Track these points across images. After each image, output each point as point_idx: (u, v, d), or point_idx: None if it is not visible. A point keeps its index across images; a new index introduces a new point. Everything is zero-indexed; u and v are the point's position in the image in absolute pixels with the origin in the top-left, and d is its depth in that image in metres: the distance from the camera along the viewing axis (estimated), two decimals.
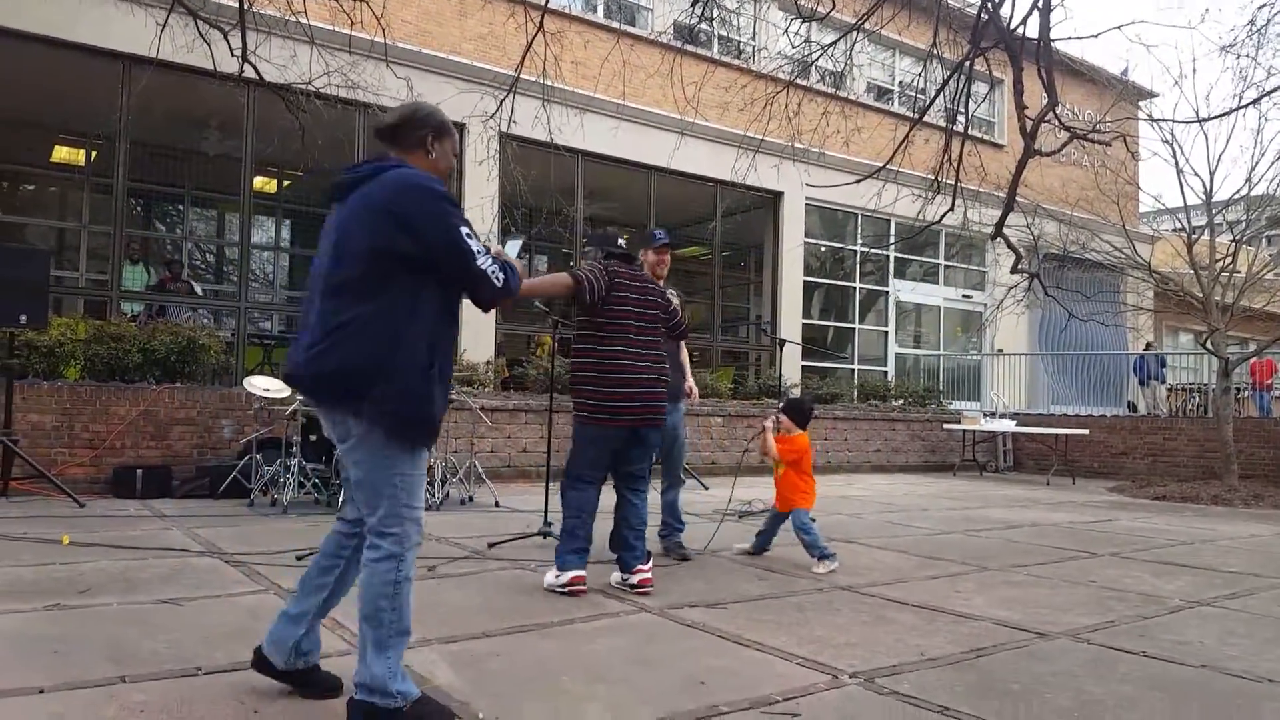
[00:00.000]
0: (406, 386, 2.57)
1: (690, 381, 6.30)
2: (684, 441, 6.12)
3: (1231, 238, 13.30)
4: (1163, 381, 17.72)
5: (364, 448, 2.61)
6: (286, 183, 14.05)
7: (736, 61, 14.67)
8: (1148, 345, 18.93)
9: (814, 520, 5.75)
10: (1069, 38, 26.97)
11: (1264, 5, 8.91)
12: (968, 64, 8.36)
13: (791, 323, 15.22)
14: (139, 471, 7.91)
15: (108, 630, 3.53)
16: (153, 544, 5.52)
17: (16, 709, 2.65)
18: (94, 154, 12.58)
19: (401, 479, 2.62)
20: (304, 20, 8.05)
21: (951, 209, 9.34)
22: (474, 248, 2.63)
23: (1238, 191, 12.83)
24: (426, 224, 2.61)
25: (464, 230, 2.64)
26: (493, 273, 2.66)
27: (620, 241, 5.11)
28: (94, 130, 9.97)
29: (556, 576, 4.48)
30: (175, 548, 5.42)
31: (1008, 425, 14.45)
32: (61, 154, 13.03)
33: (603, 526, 4.80)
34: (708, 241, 15.34)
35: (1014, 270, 10.22)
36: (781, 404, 6.19)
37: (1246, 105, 10.68)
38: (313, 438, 7.86)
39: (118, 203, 9.81)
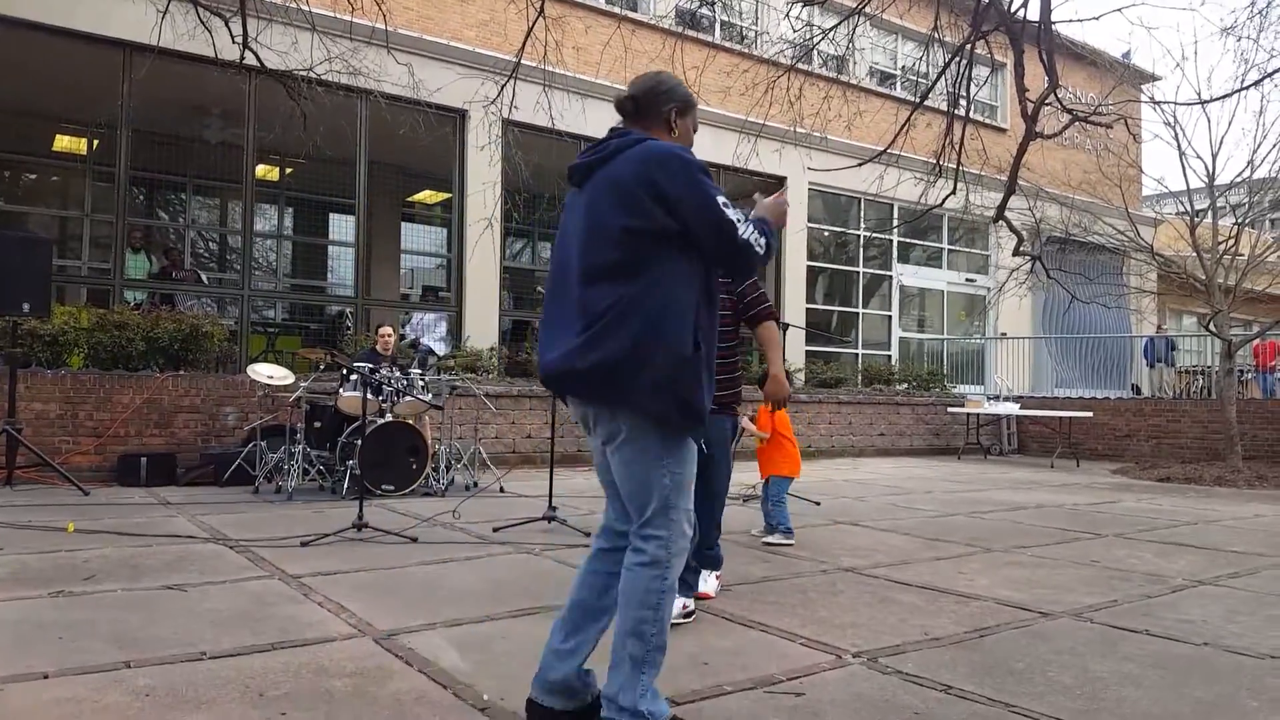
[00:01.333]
0: (675, 374, 2.35)
1: None
2: None
3: (1234, 220, 13.25)
4: (1172, 364, 17.69)
5: (631, 444, 2.40)
6: (289, 170, 14.02)
7: (738, 46, 14.59)
8: (1158, 328, 18.90)
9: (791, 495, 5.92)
10: (1070, 20, 26.79)
11: None
12: (969, 47, 8.32)
13: (795, 307, 15.19)
14: (143, 459, 7.94)
15: (112, 616, 3.54)
16: (157, 531, 5.54)
17: (22, 694, 2.67)
18: (96, 143, 12.55)
19: (671, 476, 2.42)
20: (305, 7, 8.02)
21: (954, 192, 9.31)
22: (734, 217, 2.41)
23: (1240, 174, 12.79)
24: (685, 196, 2.37)
25: (722, 200, 2.41)
26: (755, 241, 2.44)
27: None
28: (95, 119, 9.95)
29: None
30: (180, 535, 5.44)
31: (1011, 408, 14.45)
32: (63, 143, 13.01)
33: None
34: None
35: (1016, 253, 10.19)
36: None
37: (1248, 87, 10.60)
38: (317, 424, 7.88)
39: (120, 191, 9.81)
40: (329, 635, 3.35)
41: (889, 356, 16.90)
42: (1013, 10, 7.87)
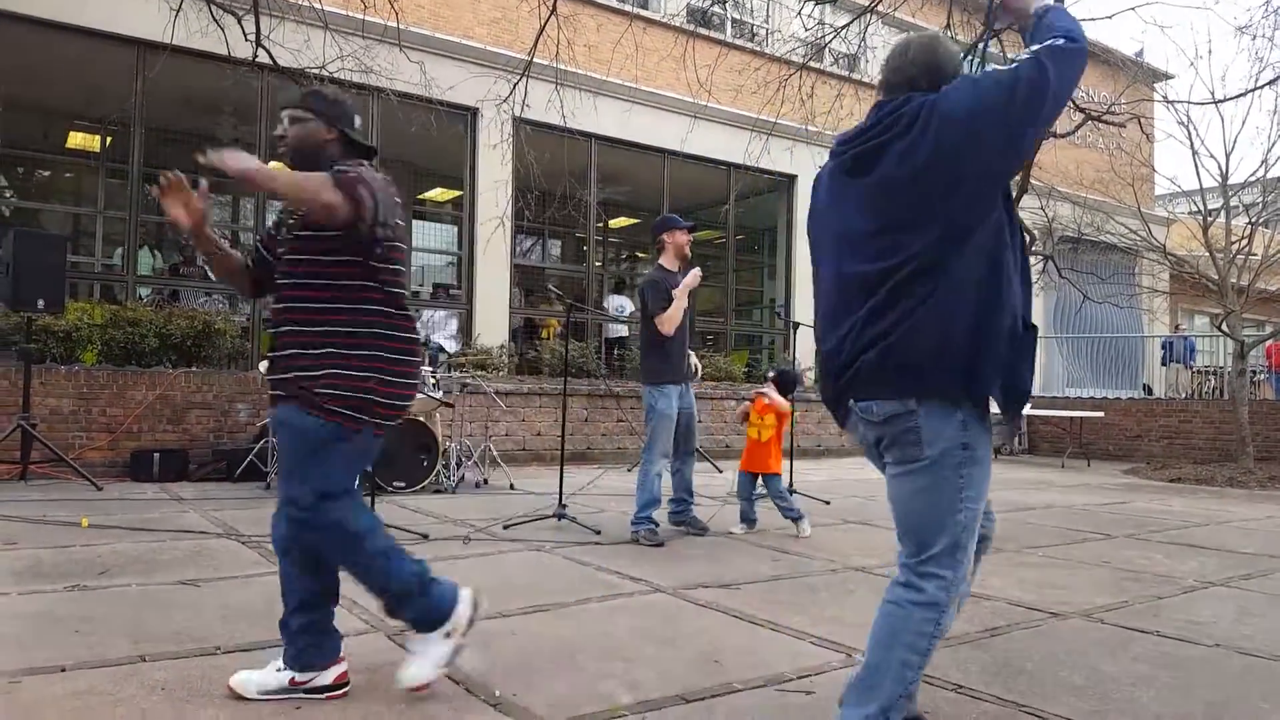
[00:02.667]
0: (1004, 365, 2.11)
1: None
2: (695, 418, 6.13)
3: (1247, 220, 13.18)
4: (1190, 365, 17.59)
5: (936, 467, 2.16)
6: None
7: (750, 45, 14.58)
8: (1176, 328, 18.81)
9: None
10: (1083, 19, 26.57)
11: None
12: (981, 45, 8.30)
13: (806, 306, 15.13)
14: (156, 455, 7.99)
15: (128, 611, 3.57)
16: (171, 526, 5.58)
17: (40, 687, 2.69)
18: (109, 140, 12.63)
19: (968, 504, 2.17)
20: (317, 5, 8.06)
21: None
22: None
23: (1254, 173, 12.73)
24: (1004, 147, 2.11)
25: None
26: None
27: None
28: (108, 116, 10.01)
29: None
30: (193, 530, 5.47)
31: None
32: (76, 140, 13.09)
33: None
34: (721, 225, 15.29)
35: (1028, 253, 10.16)
36: (772, 372, 6.28)
37: (1262, 86, 10.55)
38: None
39: (132, 188, 9.86)
40: (342, 631, 3.36)
41: None
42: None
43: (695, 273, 5.72)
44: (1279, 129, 19.62)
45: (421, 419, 7.65)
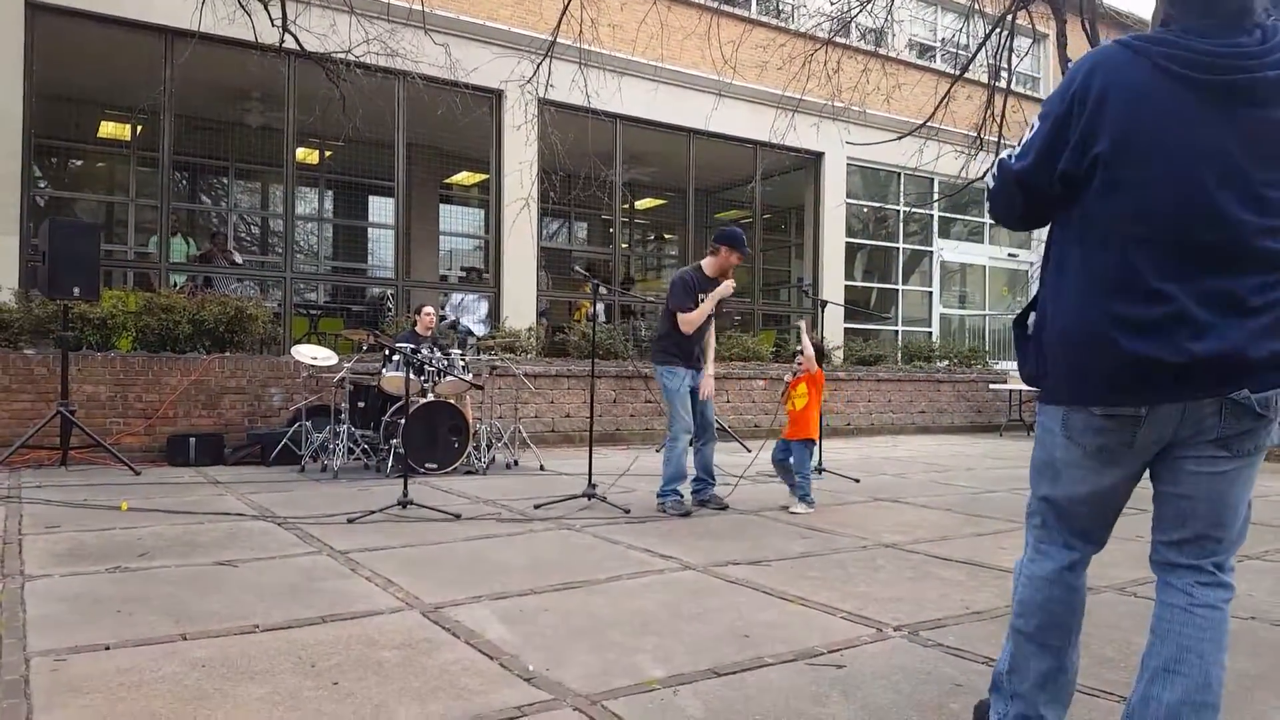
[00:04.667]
0: None
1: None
2: (710, 402, 6.16)
3: None
4: None
5: (1259, 456, 1.97)
6: (328, 153, 14.16)
7: (775, 20, 14.42)
8: None
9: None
10: None
11: None
12: (1010, 18, 8.16)
13: (834, 285, 15.08)
14: (192, 439, 8.12)
15: (167, 591, 3.65)
16: (208, 509, 5.68)
17: (86, 664, 2.76)
18: (139, 128, 12.78)
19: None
20: None
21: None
22: None
23: None
24: None
25: None
26: None
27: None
28: (139, 105, 10.11)
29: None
30: (230, 512, 5.57)
31: None
32: (108, 129, 13.25)
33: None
34: (748, 204, 15.20)
35: None
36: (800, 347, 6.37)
37: None
38: (361, 404, 8.00)
39: (163, 176, 9.98)
40: (377, 608, 3.42)
41: (929, 333, 16.72)
42: None
43: (729, 284, 5.92)
44: None
45: (452, 401, 7.71)
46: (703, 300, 5.83)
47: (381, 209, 14.56)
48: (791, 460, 6.09)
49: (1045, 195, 2.01)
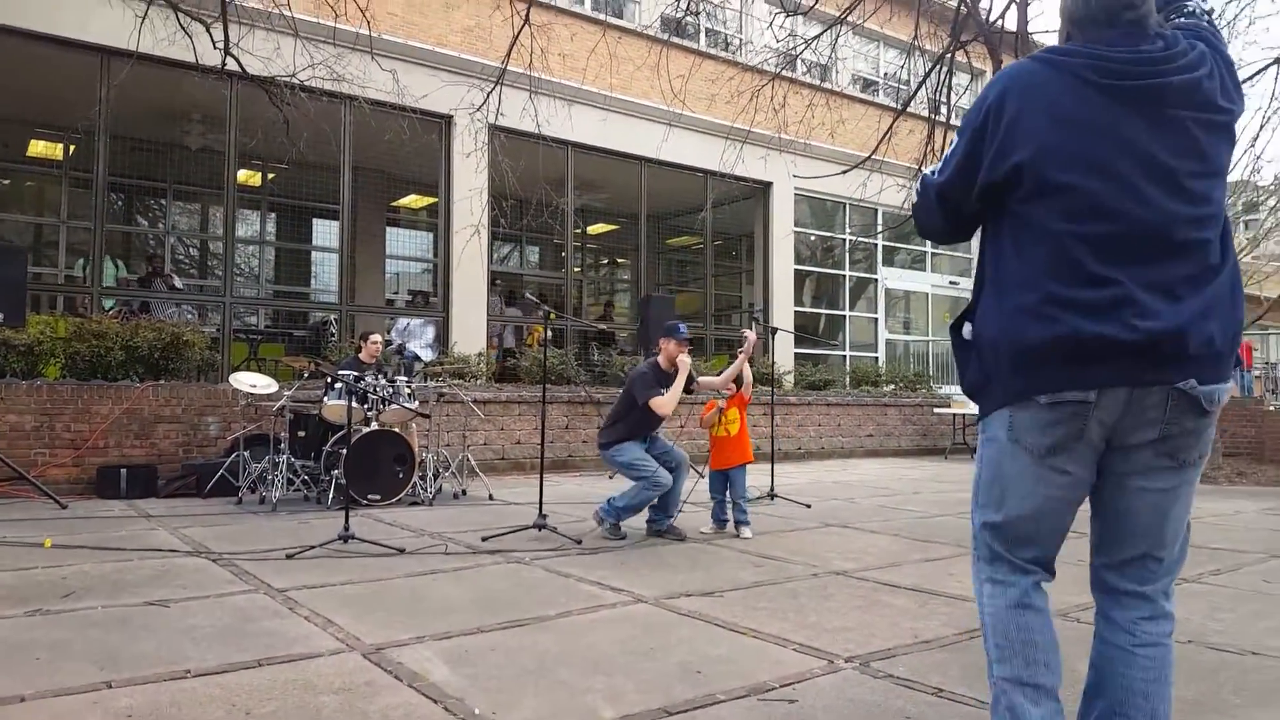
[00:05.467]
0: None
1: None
2: (670, 447, 6.25)
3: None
4: None
5: (1198, 470, 1.95)
6: (271, 175, 13.91)
7: (724, 54, 14.61)
8: None
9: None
10: (1047, 31, 26.82)
11: (1230, 1, 9.15)
12: (948, 56, 8.36)
13: (784, 310, 15.21)
14: (123, 471, 7.83)
15: (92, 634, 3.46)
16: (138, 545, 5.45)
17: None
18: (72, 148, 12.42)
19: None
20: (287, 13, 7.95)
21: None
22: None
23: None
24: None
25: None
26: None
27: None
28: (72, 124, 9.81)
29: None
30: (162, 548, 5.35)
31: None
32: (38, 148, 12.86)
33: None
34: (699, 231, 15.30)
35: None
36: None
37: None
38: (301, 433, 7.79)
39: (97, 197, 9.69)
40: (316, 650, 3.29)
41: (876, 358, 16.94)
42: (991, 21, 7.92)
43: (686, 361, 6.04)
44: (1236, 136, 19.92)
45: (397, 429, 7.55)
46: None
47: (326, 232, 14.34)
48: (734, 486, 6.12)
49: (964, 208, 2.05)
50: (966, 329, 2.07)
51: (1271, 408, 13.49)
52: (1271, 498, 9.09)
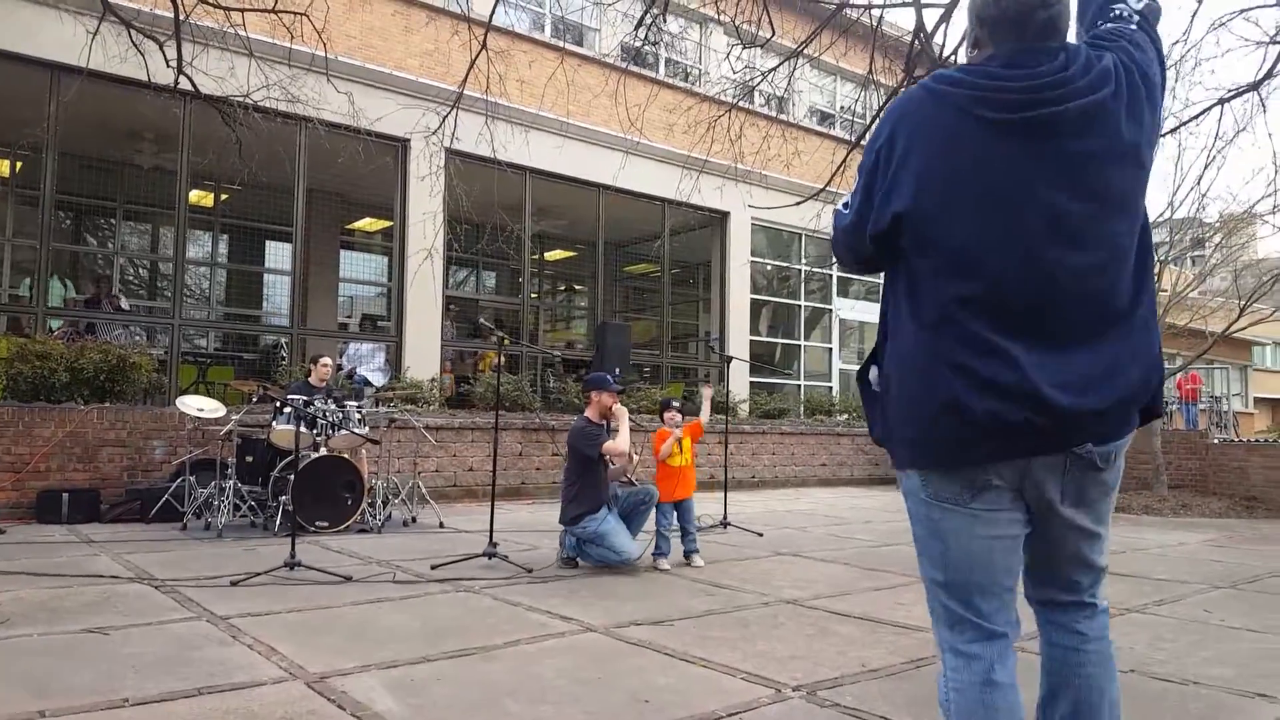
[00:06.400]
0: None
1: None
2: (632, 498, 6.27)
3: (1156, 258, 13.76)
4: None
5: (1113, 496, 1.94)
6: (224, 196, 13.75)
7: (682, 84, 14.81)
8: None
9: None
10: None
11: (1177, 42, 9.50)
12: (902, 91, 8.56)
13: (739, 339, 15.33)
14: (65, 495, 7.64)
15: (28, 663, 3.38)
16: (78, 571, 5.32)
17: None
18: (19, 165, 12.17)
19: None
20: (242, 33, 7.91)
21: None
22: None
23: (1160, 214, 13.34)
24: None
25: None
26: None
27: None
28: (19, 140, 9.62)
29: None
30: (103, 575, 5.22)
31: None
32: None
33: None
34: (657, 259, 15.40)
35: None
36: (677, 402, 6.49)
37: (1165, 134, 11.10)
38: (248, 458, 7.67)
39: (44, 215, 9.50)
40: (258, 679, 3.24)
41: (830, 388, 17.13)
42: (944, 56, 8.13)
43: (622, 411, 6.06)
44: (1183, 173, 20.63)
45: (346, 455, 7.46)
46: (615, 431, 5.97)
47: (279, 254, 14.18)
48: (683, 516, 6.17)
49: (865, 252, 1.92)
50: (873, 374, 1.96)
51: (1216, 440, 13.85)
52: (1213, 529, 9.35)
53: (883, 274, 1.97)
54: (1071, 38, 1.87)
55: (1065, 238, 1.72)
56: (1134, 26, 1.90)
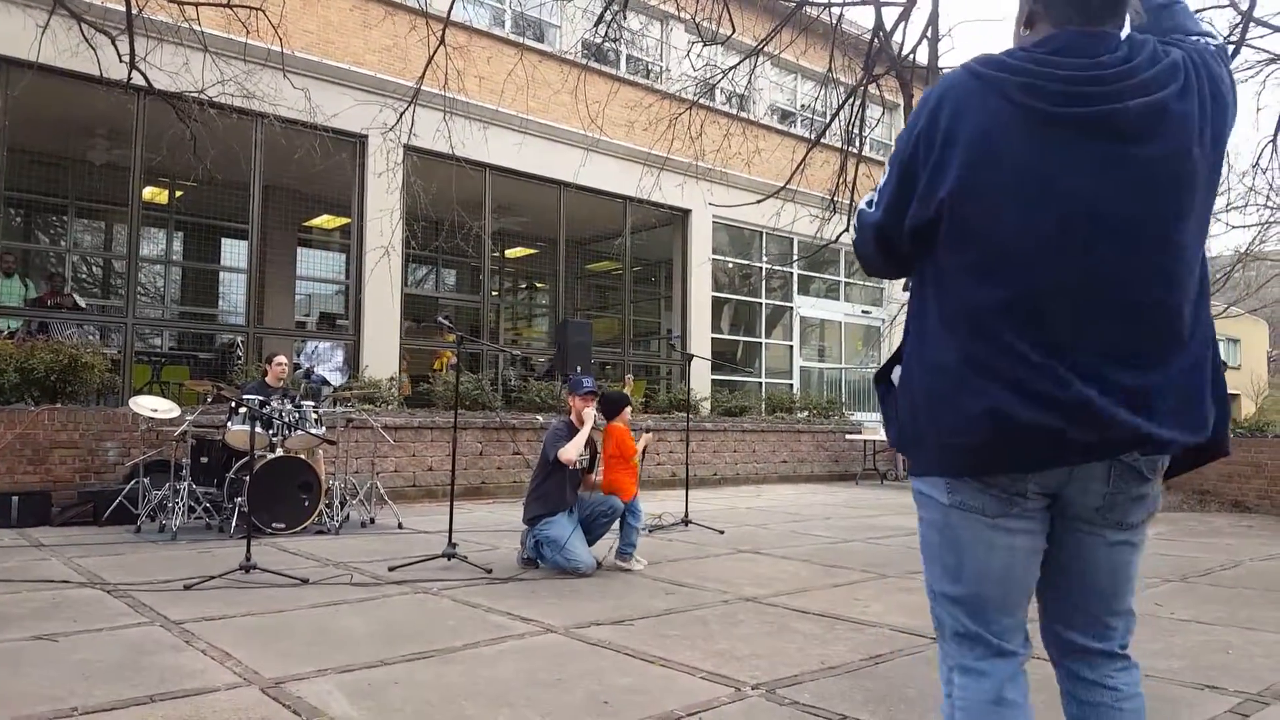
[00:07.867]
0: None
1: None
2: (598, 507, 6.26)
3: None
4: None
5: (1145, 528, 1.83)
6: (179, 193, 13.50)
7: (643, 81, 14.81)
8: None
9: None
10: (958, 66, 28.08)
11: None
12: (862, 89, 8.64)
13: (701, 337, 15.39)
14: (14, 498, 7.47)
15: None
16: (27, 576, 5.21)
17: None
18: None
19: None
20: (196, 27, 7.78)
21: (848, 228, 9.59)
22: None
23: None
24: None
25: None
26: None
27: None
28: None
29: None
30: (53, 579, 5.12)
31: None
32: None
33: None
34: (618, 257, 15.40)
35: (906, 288, 10.54)
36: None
37: None
38: (203, 459, 7.56)
39: None
40: (212, 685, 3.20)
41: (791, 385, 17.26)
42: (902, 55, 8.22)
43: (589, 414, 6.08)
44: None
45: (303, 456, 7.38)
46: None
47: (235, 252, 13.96)
48: (635, 516, 6.15)
49: (900, 248, 1.78)
50: (896, 373, 1.84)
51: None
52: (1165, 523, 9.54)
53: (905, 276, 1.88)
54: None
55: (1118, 247, 1.59)
56: (1212, 45, 1.73)
